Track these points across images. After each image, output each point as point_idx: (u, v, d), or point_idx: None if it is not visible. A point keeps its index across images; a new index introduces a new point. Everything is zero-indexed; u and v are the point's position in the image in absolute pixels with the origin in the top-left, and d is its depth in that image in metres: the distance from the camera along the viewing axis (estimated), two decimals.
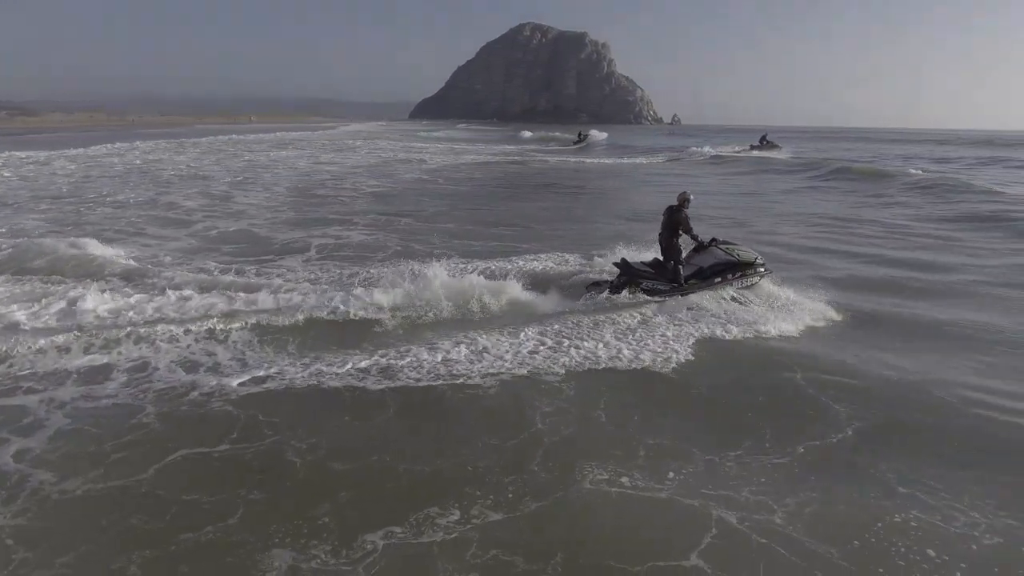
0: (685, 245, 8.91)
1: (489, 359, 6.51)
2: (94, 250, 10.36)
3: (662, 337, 7.26)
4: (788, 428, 5.33)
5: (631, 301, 8.34)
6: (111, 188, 19.73)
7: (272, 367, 6.22)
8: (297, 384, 5.88)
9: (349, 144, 50.22)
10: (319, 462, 4.62)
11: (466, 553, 3.58)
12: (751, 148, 43.20)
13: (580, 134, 60.01)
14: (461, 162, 35.04)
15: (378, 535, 3.70)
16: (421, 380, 6.03)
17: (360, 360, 6.39)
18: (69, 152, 33.11)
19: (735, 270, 8.71)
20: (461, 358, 6.49)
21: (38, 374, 6.01)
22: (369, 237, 12.91)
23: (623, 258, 8.84)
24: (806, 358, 6.83)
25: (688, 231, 8.62)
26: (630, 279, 8.58)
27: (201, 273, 9.50)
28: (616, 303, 8.30)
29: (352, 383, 5.91)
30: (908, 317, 8.33)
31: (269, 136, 59.19)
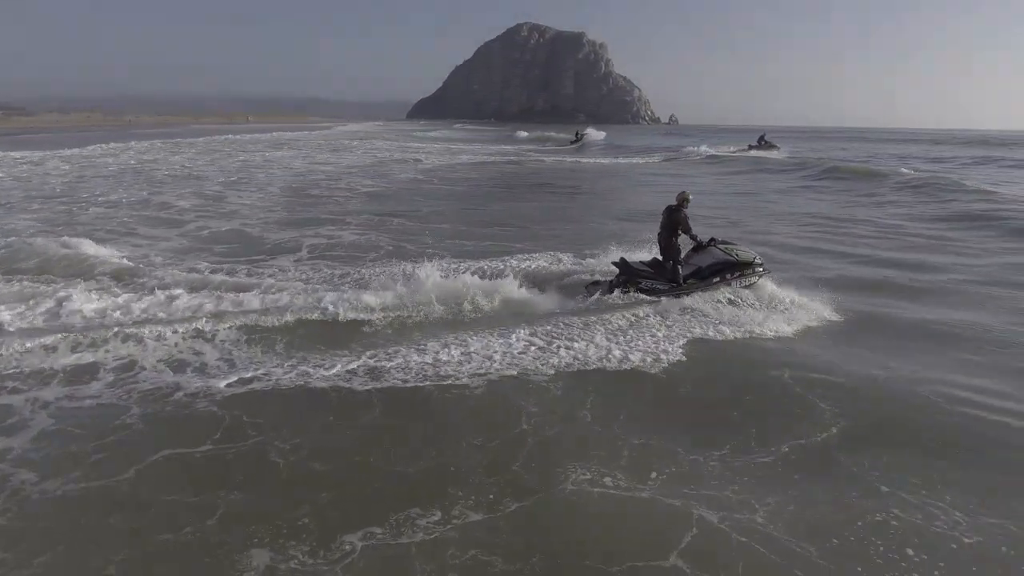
0: (684, 245, 8.93)
1: (478, 360, 6.49)
2: (86, 250, 10.35)
3: (653, 338, 7.25)
4: (774, 427, 5.33)
5: (624, 302, 8.33)
6: (104, 188, 19.68)
7: (259, 368, 6.20)
8: (283, 385, 5.87)
9: (345, 144, 50.17)
10: (302, 462, 4.61)
11: (445, 554, 3.57)
12: (749, 148, 42.86)
13: (577, 133, 59.71)
14: (457, 162, 35.03)
15: (357, 536, 3.70)
16: (408, 381, 6.01)
17: (348, 361, 6.38)
18: (64, 152, 33.03)
19: (734, 270, 8.72)
20: (450, 359, 6.48)
21: (23, 373, 5.98)
22: (361, 237, 12.89)
23: (622, 257, 8.85)
24: (795, 358, 6.84)
25: (687, 231, 8.65)
26: (629, 278, 8.59)
27: (191, 273, 9.46)
28: (608, 304, 8.29)
29: (339, 384, 5.90)
30: (898, 317, 8.35)
31: (265, 136, 59.11)
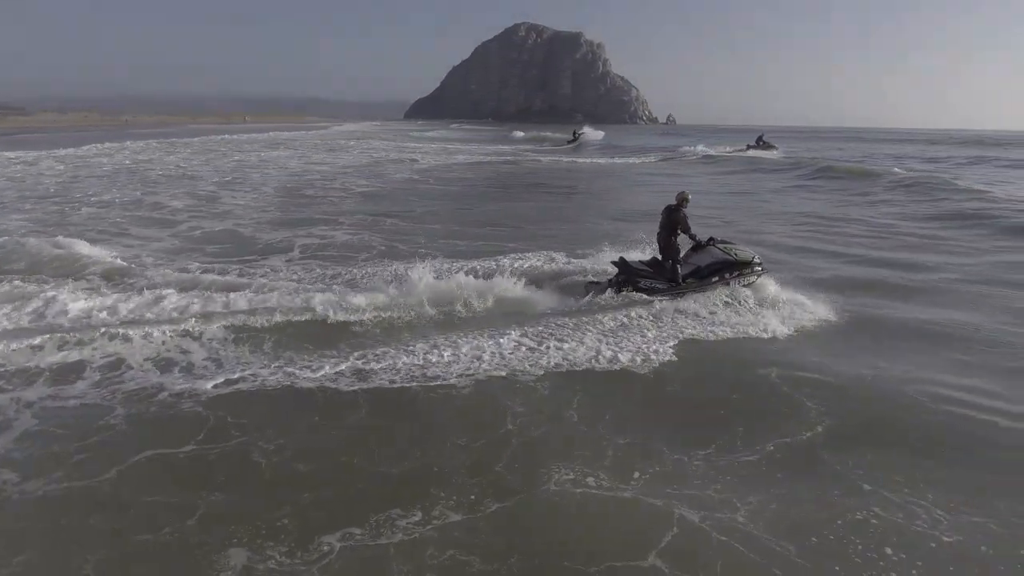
0: (683, 244, 8.94)
1: (466, 360, 6.47)
2: (77, 250, 10.33)
3: (644, 338, 7.23)
4: (760, 427, 5.33)
5: (620, 302, 8.32)
6: (97, 188, 19.62)
7: (246, 368, 6.18)
8: (269, 385, 5.85)
9: (342, 144, 50.10)
10: (285, 463, 4.60)
11: (423, 554, 3.57)
12: (747, 148, 42.58)
13: (575, 133, 59.42)
14: (453, 162, 35.00)
15: (336, 536, 3.69)
16: (396, 381, 5.99)
17: (336, 361, 6.35)
18: (59, 152, 32.93)
19: (732, 269, 8.74)
20: (439, 359, 6.45)
21: (9, 372, 5.97)
22: (354, 237, 12.87)
23: (621, 257, 8.86)
24: (786, 357, 6.84)
25: (686, 230, 8.68)
26: (628, 278, 8.61)
27: (181, 273, 9.45)
28: (603, 304, 8.27)
29: (326, 384, 5.88)
30: (888, 316, 8.35)
31: (262, 136, 59.00)
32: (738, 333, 7.54)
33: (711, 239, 9.10)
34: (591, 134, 61.26)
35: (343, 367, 6.23)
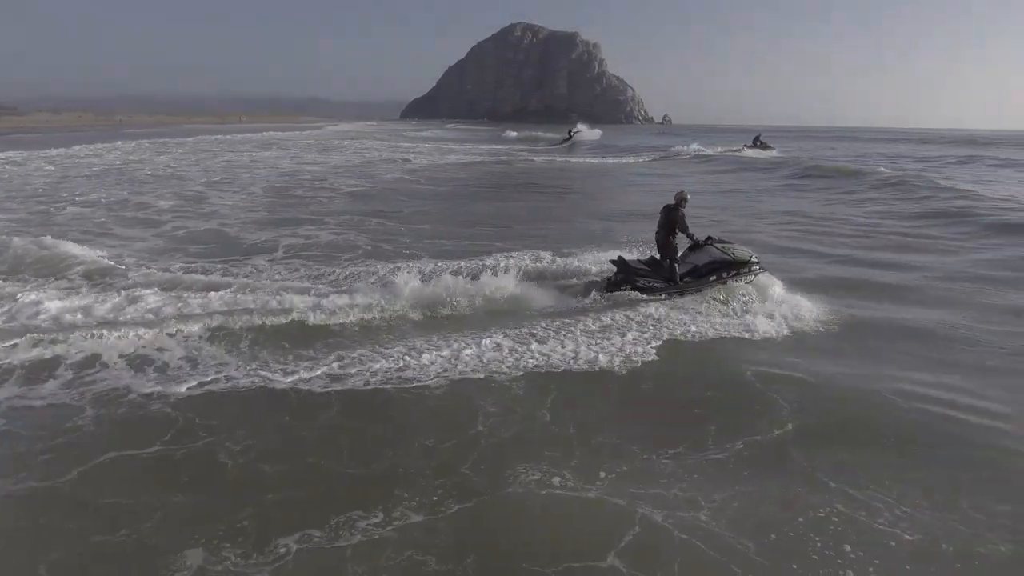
0: (681, 244, 8.96)
1: (444, 362, 6.40)
2: (59, 249, 10.27)
3: (627, 339, 7.18)
4: (732, 425, 5.34)
5: (609, 303, 8.33)
6: (85, 188, 19.52)
7: (220, 370, 6.13)
8: (242, 386, 5.81)
9: (335, 144, 50.00)
10: (251, 464, 4.58)
11: (380, 555, 3.55)
12: (744, 148, 42.23)
13: (569, 131, 59.05)
14: (446, 162, 34.95)
15: (294, 538, 3.67)
16: (370, 383, 5.92)
17: (311, 363, 6.30)
18: (49, 152, 32.77)
19: (730, 268, 8.77)
20: (417, 361, 6.38)
21: None
22: (339, 237, 12.83)
23: (620, 256, 8.89)
24: (765, 356, 6.85)
25: (684, 230, 8.73)
26: (626, 277, 8.63)
27: (162, 273, 9.40)
28: (593, 304, 8.29)
29: (299, 386, 5.83)
30: (869, 315, 8.35)
31: (256, 136, 58.84)
32: (722, 333, 7.52)
33: (709, 238, 9.13)
34: (587, 133, 60.58)
35: (318, 369, 6.16)
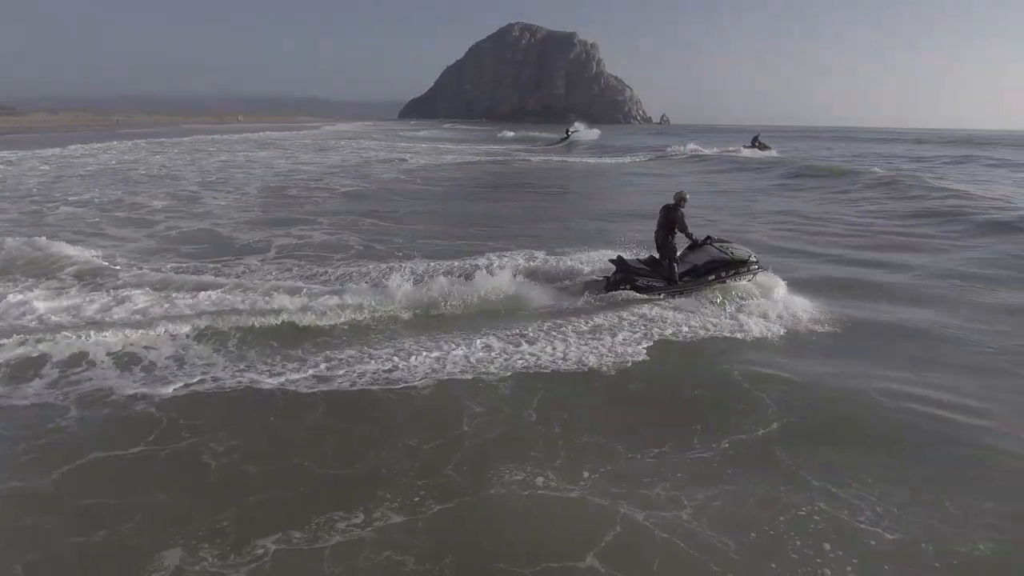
0: (680, 243, 8.98)
1: (432, 362, 6.37)
2: (51, 250, 10.24)
3: (617, 339, 7.15)
4: (718, 424, 5.34)
5: (604, 303, 8.33)
6: (79, 188, 19.48)
7: (207, 370, 6.12)
8: (228, 387, 5.80)
9: (332, 144, 49.94)
10: (234, 464, 4.57)
11: (359, 556, 3.54)
12: (742, 149, 41.86)
13: (567, 131, 58.82)
14: (442, 162, 34.92)
15: (272, 539, 3.65)
16: (357, 384, 5.90)
17: (298, 363, 6.28)
18: (44, 152, 32.70)
19: (729, 268, 8.78)
20: (405, 362, 6.34)
21: None
22: (332, 237, 12.82)
23: (619, 255, 8.91)
24: (755, 356, 6.84)
25: (683, 229, 8.77)
26: (626, 276, 8.65)
27: (152, 273, 9.38)
28: (585, 305, 8.28)
29: (286, 387, 5.81)
30: (859, 315, 8.31)
31: (254, 136, 58.79)
32: (714, 333, 7.49)
33: (708, 238, 9.14)
34: (585, 133, 60.13)
35: (306, 370, 6.14)
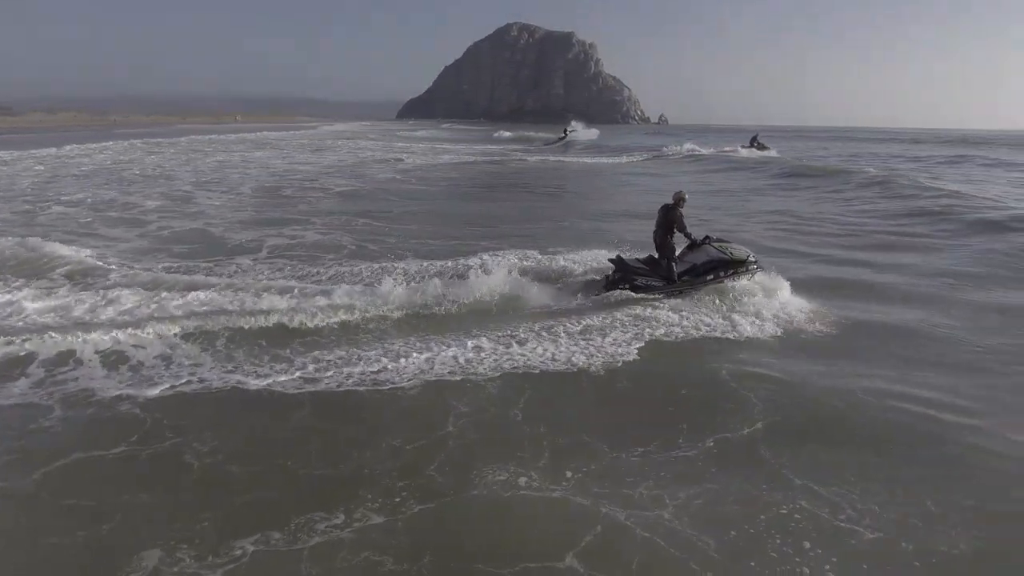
0: (679, 243, 8.99)
1: (421, 363, 6.34)
2: (43, 250, 10.22)
3: (609, 339, 7.12)
4: (704, 423, 5.34)
5: (599, 303, 8.34)
6: (73, 188, 19.43)
7: (194, 371, 6.10)
8: (215, 387, 5.78)
9: (329, 144, 49.88)
10: (217, 465, 4.56)
11: (337, 556, 3.54)
12: (740, 149, 41.74)
13: (565, 130, 58.74)
14: (439, 162, 34.88)
15: (251, 540, 3.64)
16: (344, 385, 5.87)
17: (286, 364, 6.26)
18: (40, 152, 32.58)
19: (727, 268, 8.79)
20: (393, 364, 6.31)
21: None
22: (325, 237, 12.79)
23: (618, 255, 8.93)
24: (746, 356, 6.83)
25: (682, 229, 8.78)
26: (624, 276, 8.67)
27: (143, 273, 9.36)
28: (579, 305, 8.28)
29: (273, 387, 5.78)
30: (849, 314, 8.29)
31: (251, 136, 58.68)
32: (706, 333, 7.48)
33: (707, 237, 9.14)
34: (583, 133, 59.99)
35: (294, 371, 6.11)
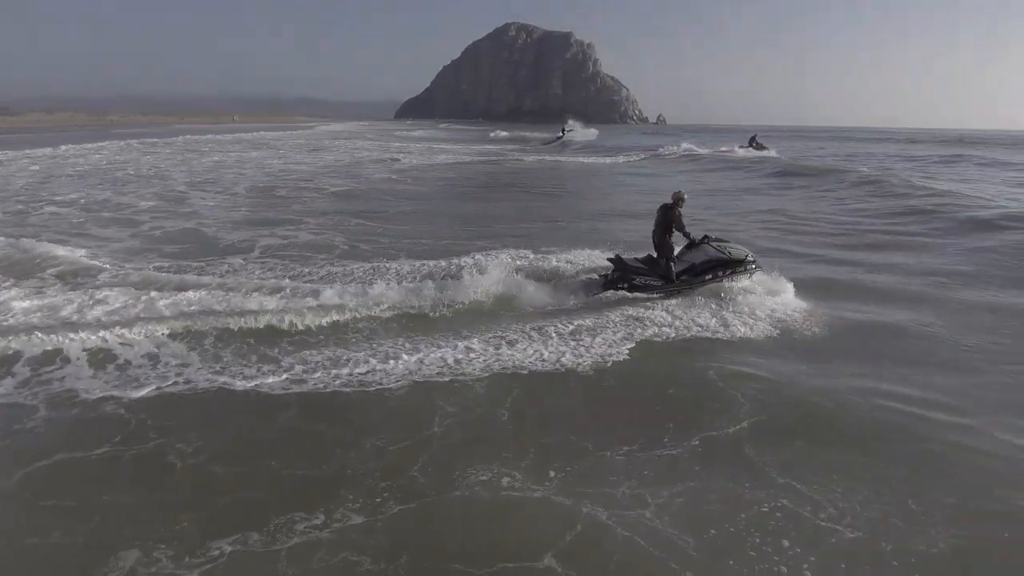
0: (677, 243, 9.00)
1: (408, 364, 6.33)
2: (38, 250, 10.23)
3: (600, 340, 7.11)
4: (690, 422, 5.34)
5: (593, 303, 8.34)
6: (67, 188, 19.38)
7: (180, 371, 6.09)
8: (201, 388, 5.77)
9: (326, 144, 49.84)
10: (201, 466, 4.55)
11: (314, 556, 3.53)
12: (737, 149, 41.57)
13: (562, 130, 58.65)
14: (435, 162, 34.87)
15: (229, 540, 3.63)
16: (330, 386, 5.85)
17: (274, 365, 6.24)
18: (35, 152, 32.53)
19: (726, 267, 8.81)
20: (382, 364, 6.30)
21: None
22: (318, 237, 12.78)
23: (617, 254, 8.94)
24: (735, 355, 6.83)
25: (681, 229, 8.79)
26: (623, 275, 8.68)
27: (133, 272, 9.35)
28: (574, 306, 8.29)
29: (259, 388, 5.76)
30: (843, 314, 8.26)
31: (248, 136, 58.61)
32: (697, 333, 7.47)
33: (705, 237, 9.14)
34: (581, 132, 59.77)
35: (281, 371, 6.09)
